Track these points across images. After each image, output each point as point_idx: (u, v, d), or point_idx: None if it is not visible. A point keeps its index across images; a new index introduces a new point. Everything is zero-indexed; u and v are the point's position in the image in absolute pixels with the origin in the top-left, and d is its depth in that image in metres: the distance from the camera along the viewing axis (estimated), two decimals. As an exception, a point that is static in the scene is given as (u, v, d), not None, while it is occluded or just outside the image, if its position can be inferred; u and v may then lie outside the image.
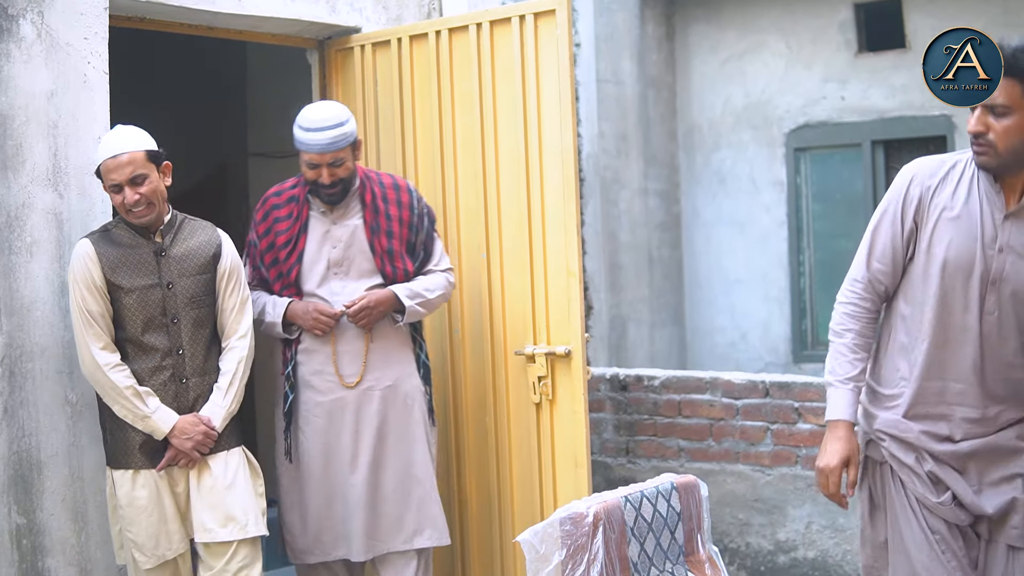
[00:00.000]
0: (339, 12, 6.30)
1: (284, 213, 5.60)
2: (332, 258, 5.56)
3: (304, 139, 5.41)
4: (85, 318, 4.88)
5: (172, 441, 4.92)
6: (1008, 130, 3.77)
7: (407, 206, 5.63)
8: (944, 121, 9.05)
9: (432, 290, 5.61)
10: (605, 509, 4.23)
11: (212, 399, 5.06)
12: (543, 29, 5.75)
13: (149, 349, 4.96)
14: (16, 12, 5.01)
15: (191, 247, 5.08)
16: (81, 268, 4.88)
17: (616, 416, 7.27)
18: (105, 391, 4.89)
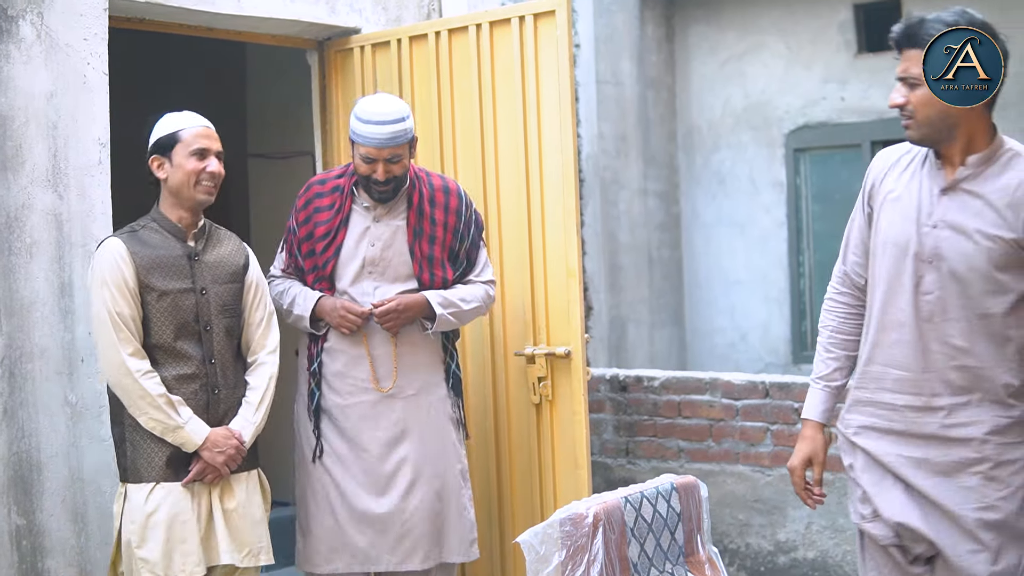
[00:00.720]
0: (339, 13, 6.30)
1: (327, 203, 5.41)
2: (368, 256, 5.35)
3: (363, 132, 5.18)
4: (115, 321, 4.61)
5: (203, 454, 4.69)
6: (921, 100, 3.75)
7: (454, 211, 5.43)
8: (944, 122, 9.03)
9: (468, 301, 5.40)
10: (605, 510, 4.24)
11: (242, 413, 4.87)
12: (543, 30, 5.75)
13: (182, 356, 4.75)
14: (16, 13, 5.01)
15: (222, 254, 4.92)
16: (112, 268, 4.64)
17: (616, 417, 7.26)
18: (133, 400, 4.63)
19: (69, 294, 5.10)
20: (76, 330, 5.11)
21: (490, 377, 5.96)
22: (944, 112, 3.73)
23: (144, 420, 4.63)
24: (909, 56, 3.76)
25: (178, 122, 4.80)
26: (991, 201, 3.75)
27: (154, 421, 4.63)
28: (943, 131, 3.78)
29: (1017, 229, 3.71)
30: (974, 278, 3.75)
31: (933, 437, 3.84)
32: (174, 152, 4.75)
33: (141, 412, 4.63)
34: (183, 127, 4.78)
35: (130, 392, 4.62)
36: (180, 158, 4.74)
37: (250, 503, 4.86)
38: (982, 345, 3.77)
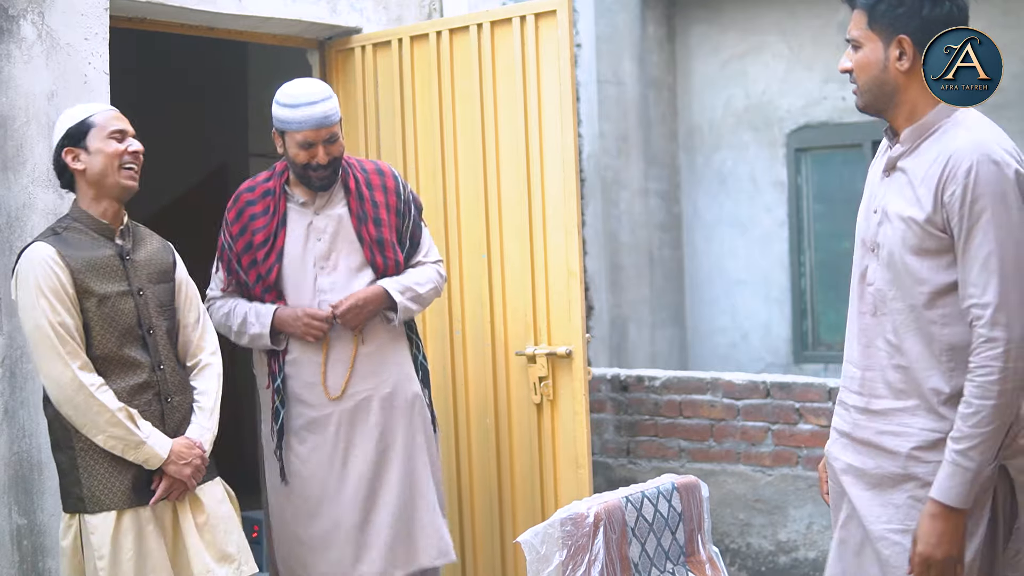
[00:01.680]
0: (340, 13, 6.30)
1: (260, 209, 5.20)
2: (317, 252, 5.16)
3: (295, 117, 5.04)
4: (59, 334, 4.24)
5: (168, 469, 4.37)
6: (860, 63, 3.50)
7: (393, 191, 5.29)
8: (945, 121, 9.03)
9: (423, 283, 5.26)
10: (606, 510, 4.24)
11: (196, 421, 4.56)
12: (544, 30, 5.75)
13: (130, 365, 4.40)
14: (17, 13, 5.01)
15: (151, 252, 4.60)
16: (46, 274, 4.27)
17: (617, 417, 7.26)
18: (89, 418, 4.25)
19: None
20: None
21: (491, 377, 5.96)
22: (880, 78, 3.46)
23: (102, 440, 4.27)
24: (854, 17, 3.53)
25: (84, 109, 4.51)
26: (911, 179, 3.42)
27: (114, 440, 4.28)
28: (882, 98, 3.49)
29: (927, 208, 3.35)
30: (900, 266, 3.42)
31: (868, 444, 3.52)
32: (88, 139, 4.43)
33: (99, 431, 4.26)
34: (92, 112, 4.48)
35: (84, 410, 4.25)
36: (97, 143, 4.42)
37: (221, 513, 4.55)
38: (911, 342, 3.42)
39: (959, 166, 3.28)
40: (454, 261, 6.03)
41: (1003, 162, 3.26)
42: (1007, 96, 8.59)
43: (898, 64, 3.43)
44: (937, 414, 3.38)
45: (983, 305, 3.23)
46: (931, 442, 3.38)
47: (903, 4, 3.39)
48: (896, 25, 3.40)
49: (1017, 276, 3.22)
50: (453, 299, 6.05)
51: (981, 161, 3.26)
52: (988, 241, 3.23)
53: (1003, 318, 3.20)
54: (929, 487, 3.34)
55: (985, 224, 3.23)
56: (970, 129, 3.37)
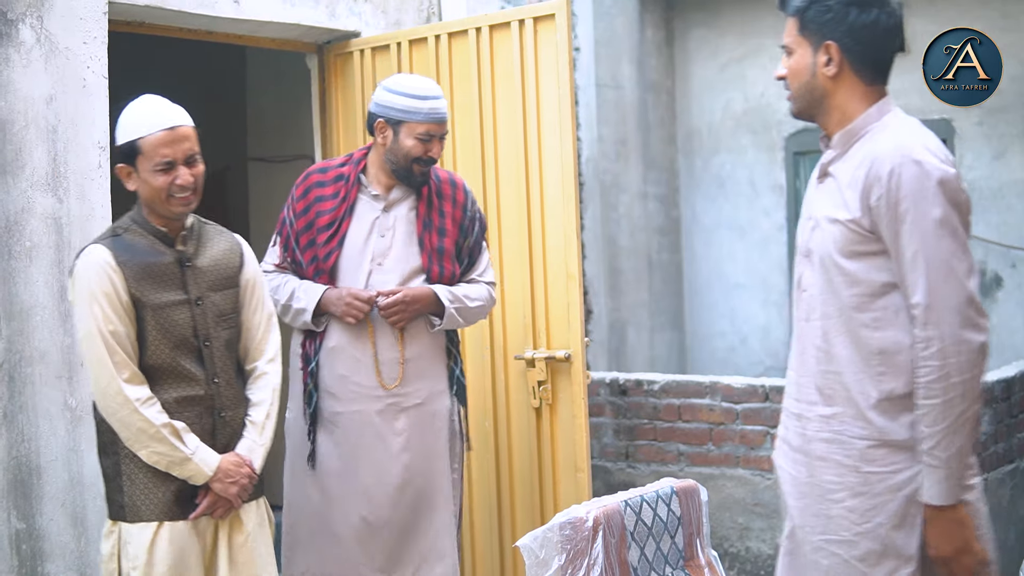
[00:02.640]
0: (338, 17, 6.30)
1: (330, 192, 5.12)
2: (377, 248, 5.07)
3: (421, 108, 4.99)
4: (108, 343, 4.08)
5: (214, 486, 4.20)
6: (791, 70, 3.49)
7: (461, 205, 5.23)
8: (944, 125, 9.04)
9: (473, 299, 5.17)
10: (605, 514, 4.23)
11: (248, 436, 4.37)
12: (542, 33, 5.75)
13: (183, 376, 4.22)
14: (15, 17, 5.01)
15: (216, 256, 4.39)
16: (101, 280, 4.11)
17: (616, 420, 7.26)
18: (133, 433, 4.11)
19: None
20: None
21: (490, 381, 5.95)
22: (810, 83, 3.46)
23: (145, 454, 4.13)
24: (787, 24, 3.50)
25: (137, 126, 4.20)
26: (840, 183, 3.40)
27: (157, 455, 4.12)
28: (813, 104, 3.49)
29: (854, 211, 3.34)
30: (832, 270, 3.39)
31: (802, 452, 3.51)
32: (138, 163, 4.19)
33: (142, 446, 4.12)
34: (142, 134, 4.17)
35: (129, 424, 4.11)
36: (145, 173, 4.18)
37: (261, 536, 4.39)
38: (840, 347, 3.39)
39: (882, 169, 3.29)
40: (453, 265, 6.03)
41: (925, 162, 3.25)
42: (1006, 99, 8.58)
43: (825, 70, 3.43)
44: (865, 419, 3.37)
45: (914, 305, 3.24)
46: (859, 450, 3.38)
47: (830, 11, 3.39)
48: (824, 31, 3.41)
49: (945, 274, 3.21)
50: (452, 303, 6.05)
51: (903, 163, 3.26)
52: (914, 242, 3.23)
53: (934, 317, 3.21)
54: (862, 497, 3.36)
55: (910, 225, 3.24)
56: (894, 132, 3.37)
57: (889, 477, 3.34)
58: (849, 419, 3.39)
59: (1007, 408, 7.02)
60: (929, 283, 3.22)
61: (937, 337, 3.21)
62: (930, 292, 3.21)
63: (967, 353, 3.21)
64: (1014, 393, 7.10)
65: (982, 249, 8.98)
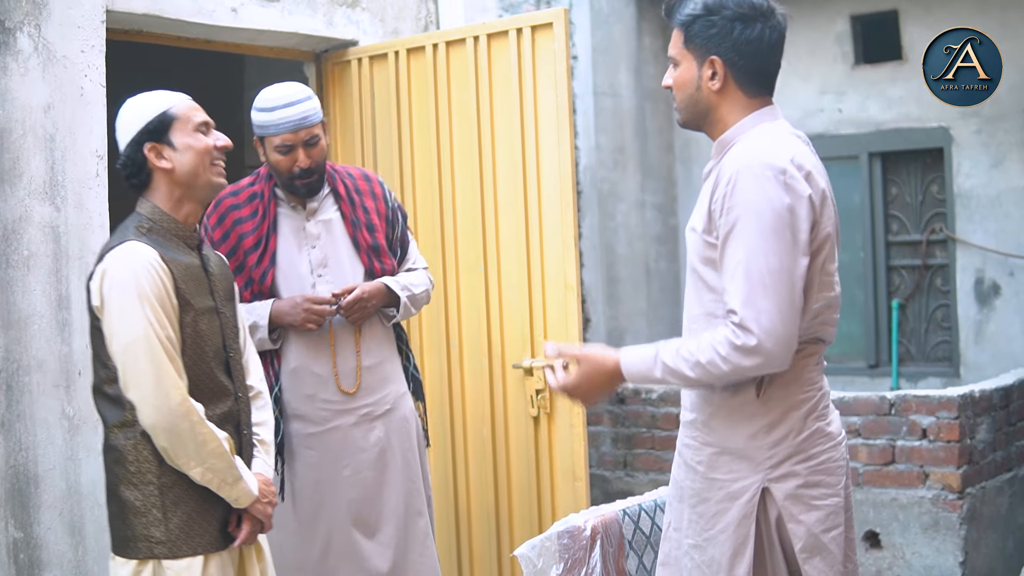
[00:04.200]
0: (336, 25, 6.30)
1: (247, 213, 4.94)
2: (314, 259, 4.95)
3: (271, 120, 4.84)
4: (167, 349, 3.68)
5: (254, 508, 3.89)
6: (677, 82, 3.48)
7: (381, 198, 5.13)
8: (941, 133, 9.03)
9: (417, 285, 5.09)
10: (603, 523, 4.23)
11: (259, 456, 4.08)
12: (540, 42, 5.75)
13: (220, 391, 3.90)
14: (13, 25, 5.00)
15: (219, 266, 4.11)
16: (152, 280, 3.71)
17: (614, 429, 7.26)
18: (191, 449, 3.71)
19: (66, 307, 5.09)
20: (73, 343, 5.10)
21: (488, 390, 5.95)
22: (694, 96, 3.45)
23: (199, 472, 3.73)
24: (672, 35, 3.50)
25: (160, 100, 3.96)
26: (703, 191, 3.42)
27: (212, 473, 3.75)
28: (698, 116, 3.48)
29: (704, 219, 3.35)
30: (695, 277, 3.42)
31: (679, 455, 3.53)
32: (172, 134, 3.89)
33: (199, 463, 3.72)
34: (171, 104, 3.94)
35: (189, 439, 3.69)
36: (184, 138, 3.89)
37: (271, 561, 4.14)
38: None
39: (722, 177, 3.29)
40: (451, 273, 6.03)
41: (763, 175, 3.22)
42: (1004, 107, 8.58)
43: (710, 84, 3.42)
44: (710, 426, 3.41)
45: (731, 311, 3.21)
46: (707, 456, 3.41)
47: (715, 26, 3.38)
48: (709, 46, 3.40)
49: (764, 285, 3.18)
50: (450, 312, 6.05)
51: (741, 171, 3.25)
52: (739, 250, 3.22)
53: (751, 325, 3.17)
54: (705, 503, 3.39)
55: (737, 234, 3.22)
56: (751, 141, 3.35)
57: (728, 484, 3.36)
58: (700, 425, 3.44)
59: (1005, 416, 7.02)
60: (747, 293, 3.19)
61: (749, 341, 3.18)
62: (746, 303, 3.18)
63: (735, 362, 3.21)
64: (1012, 401, 7.10)
65: (980, 257, 8.97)
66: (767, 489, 3.32)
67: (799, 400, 3.35)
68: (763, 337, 3.15)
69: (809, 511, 3.32)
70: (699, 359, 3.24)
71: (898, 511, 6.63)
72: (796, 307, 3.20)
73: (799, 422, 3.34)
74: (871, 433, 6.72)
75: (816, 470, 3.34)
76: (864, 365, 9.48)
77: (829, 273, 3.36)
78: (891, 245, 9.44)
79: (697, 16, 3.40)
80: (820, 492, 3.33)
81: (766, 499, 3.33)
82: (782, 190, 3.21)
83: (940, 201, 9.27)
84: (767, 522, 3.34)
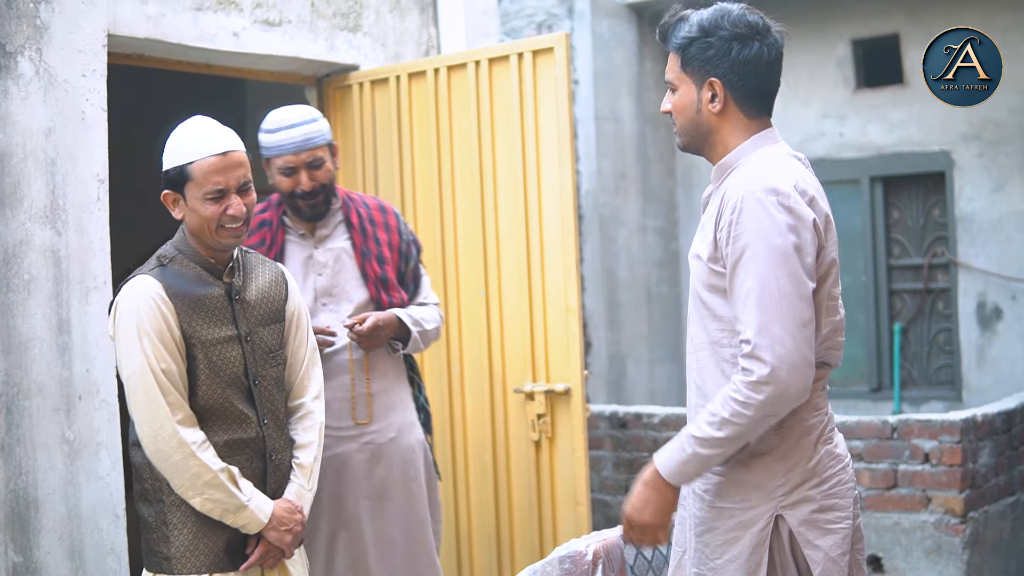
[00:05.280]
0: (337, 50, 6.31)
1: (255, 240, 4.92)
2: (319, 287, 4.93)
3: (274, 141, 4.87)
4: (161, 382, 3.80)
5: (268, 535, 3.93)
6: (676, 106, 3.46)
7: (395, 230, 5.11)
8: (943, 157, 9.06)
9: (428, 321, 5.06)
10: (604, 547, 4.22)
11: (295, 480, 4.09)
12: (541, 67, 5.76)
13: (236, 418, 3.95)
14: (14, 49, 5.01)
15: (263, 288, 4.12)
16: (151, 313, 3.82)
17: (615, 454, 7.24)
18: (188, 479, 3.82)
19: (67, 331, 5.08)
20: (74, 367, 5.09)
21: (489, 414, 5.94)
22: (695, 120, 3.44)
23: (199, 502, 3.84)
24: (669, 60, 3.48)
25: (188, 149, 3.93)
26: (705, 218, 3.41)
27: (212, 503, 3.84)
28: (699, 139, 3.47)
29: (710, 246, 3.34)
30: (700, 304, 3.40)
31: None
32: (187, 190, 3.92)
33: (196, 493, 3.82)
34: (193, 158, 3.90)
35: (184, 470, 3.81)
36: (194, 201, 3.92)
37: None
38: (711, 382, 3.38)
39: (727, 204, 3.28)
40: (452, 298, 6.02)
41: (768, 201, 3.21)
42: (1005, 131, 8.60)
43: (710, 106, 3.41)
44: None
45: (745, 340, 3.19)
46: (714, 484, 3.39)
47: (712, 47, 3.36)
48: (707, 68, 3.38)
49: (777, 312, 3.16)
50: (451, 336, 6.04)
51: (745, 198, 3.23)
52: (749, 278, 3.20)
53: (762, 354, 3.15)
54: (712, 532, 3.37)
55: (746, 261, 3.21)
56: (753, 166, 3.34)
57: (739, 514, 3.34)
58: None
59: (1008, 440, 7.01)
60: (760, 320, 3.17)
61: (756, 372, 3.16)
62: (759, 330, 3.16)
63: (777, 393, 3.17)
64: (1015, 425, 7.09)
65: (982, 281, 8.98)
66: (780, 516, 3.31)
67: (809, 426, 3.34)
68: (776, 364, 3.13)
69: (825, 535, 3.30)
70: (722, 415, 3.20)
71: (900, 535, 6.62)
72: (809, 331, 3.19)
73: (810, 448, 3.33)
74: (873, 457, 6.71)
75: (829, 494, 3.33)
76: (866, 389, 9.48)
77: (834, 297, 3.36)
78: (893, 269, 9.45)
79: (693, 39, 3.39)
80: (834, 516, 3.32)
81: (779, 526, 3.32)
82: (787, 215, 3.20)
83: (942, 225, 9.28)
84: (781, 550, 3.32)
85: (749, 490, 3.34)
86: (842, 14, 9.65)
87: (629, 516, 3.38)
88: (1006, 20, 8.50)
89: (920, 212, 9.37)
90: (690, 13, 3.43)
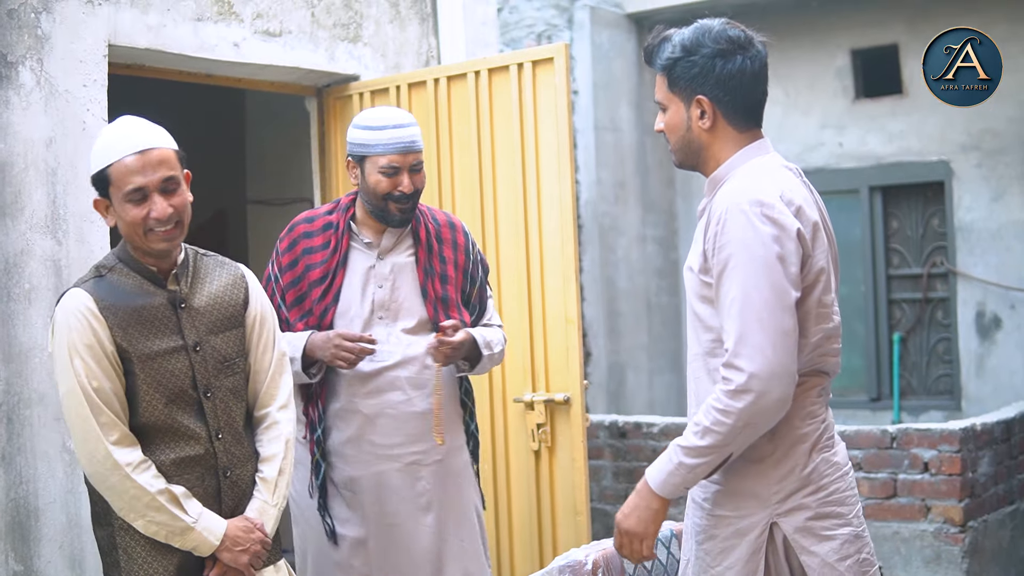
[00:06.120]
0: (338, 60, 6.32)
1: (319, 243, 4.69)
2: (378, 299, 4.66)
3: (380, 139, 4.56)
4: (93, 401, 3.58)
5: (222, 557, 3.70)
6: (668, 125, 3.50)
7: (463, 249, 4.84)
8: (942, 167, 9.06)
9: (494, 344, 4.78)
10: (604, 557, 4.22)
11: (258, 496, 3.85)
12: (541, 77, 5.76)
13: (181, 435, 3.70)
14: (15, 59, 5.02)
15: (216, 293, 3.86)
16: (82, 330, 3.60)
17: (615, 463, 7.24)
18: (126, 502, 3.61)
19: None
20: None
21: (489, 423, 5.94)
22: (686, 137, 3.46)
23: (142, 525, 3.63)
24: (656, 81, 3.51)
25: (109, 151, 3.67)
26: (698, 229, 3.41)
27: (156, 525, 3.63)
28: (692, 156, 3.49)
29: (700, 258, 3.34)
30: (692, 315, 3.41)
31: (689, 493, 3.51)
32: (111, 194, 3.67)
33: (137, 515, 3.62)
34: (111, 160, 3.64)
35: (121, 492, 3.61)
36: (117, 203, 3.66)
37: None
38: (705, 390, 3.36)
39: (713, 216, 3.30)
40: (452, 307, 6.03)
41: (751, 212, 3.22)
42: (1004, 141, 8.60)
43: (700, 123, 3.43)
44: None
45: (726, 349, 3.20)
46: (713, 494, 3.40)
47: (696, 65, 3.38)
48: (693, 86, 3.40)
49: (758, 322, 3.17)
50: (451, 345, 6.04)
51: (730, 210, 3.25)
52: (732, 288, 3.21)
53: (740, 363, 3.16)
54: (712, 540, 3.38)
55: (730, 271, 3.22)
56: (739, 179, 3.35)
57: (736, 521, 3.35)
58: None
59: (1007, 449, 7.01)
60: (741, 330, 3.18)
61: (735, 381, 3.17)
62: (739, 340, 3.18)
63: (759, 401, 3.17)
64: (1014, 434, 7.09)
65: (981, 290, 8.98)
66: (775, 524, 3.32)
67: (802, 434, 3.34)
68: (755, 372, 3.14)
69: (821, 542, 3.30)
70: (704, 424, 3.22)
71: (900, 545, 6.62)
72: (791, 341, 3.20)
73: (803, 456, 3.33)
74: (872, 467, 6.71)
75: (826, 501, 3.33)
76: (865, 398, 9.48)
77: (826, 305, 3.35)
78: (892, 279, 9.45)
79: (677, 59, 3.41)
80: (831, 523, 3.32)
81: (774, 534, 3.33)
82: (771, 226, 3.21)
83: (941, 235, 9.29)
84: (776, 557, 3.33)
85: (745, 498, 3.35)
86: (841, 24, 9.66)
87: (617, 521, 3.41)
88: (1004, 30, 8.51)
89: (919, 222, 9.38)
90: (672, 33, 3.46)
